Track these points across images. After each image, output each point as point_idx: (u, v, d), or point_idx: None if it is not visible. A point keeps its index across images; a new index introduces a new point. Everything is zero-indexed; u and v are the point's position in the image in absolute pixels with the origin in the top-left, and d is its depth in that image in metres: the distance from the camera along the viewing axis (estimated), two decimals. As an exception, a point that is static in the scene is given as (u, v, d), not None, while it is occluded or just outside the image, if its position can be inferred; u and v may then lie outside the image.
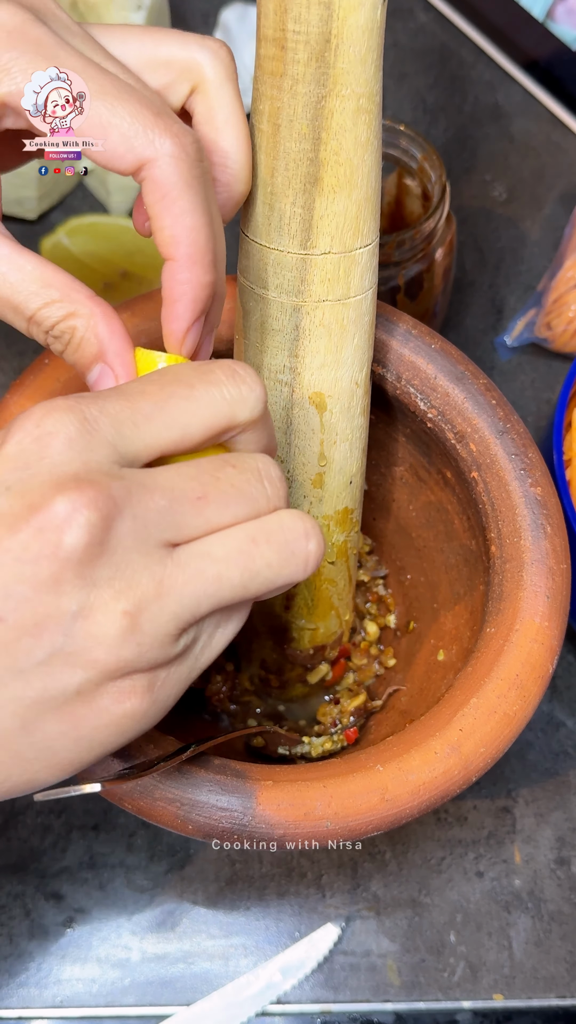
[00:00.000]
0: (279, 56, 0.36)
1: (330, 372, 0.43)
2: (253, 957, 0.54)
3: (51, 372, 0.48)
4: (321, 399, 0.44)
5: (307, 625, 0.51)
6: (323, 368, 0.43)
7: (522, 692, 0.42)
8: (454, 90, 0.79)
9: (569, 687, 0.61)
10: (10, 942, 0.53)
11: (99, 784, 0.34)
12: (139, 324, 0.49)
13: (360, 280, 0.42)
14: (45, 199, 0.70)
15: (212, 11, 0.78)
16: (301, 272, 0.41)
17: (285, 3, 0.35)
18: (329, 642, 0.53)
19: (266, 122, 0.38)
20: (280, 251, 0.40)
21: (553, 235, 0.73)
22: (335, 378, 0.44)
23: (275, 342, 0.43)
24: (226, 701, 0.54)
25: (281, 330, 0.42)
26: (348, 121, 0.38)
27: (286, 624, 0.51)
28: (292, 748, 0.53)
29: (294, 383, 0.44)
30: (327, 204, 0.39)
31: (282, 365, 0.43)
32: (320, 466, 0.46)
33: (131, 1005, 0.53)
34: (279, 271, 0.41)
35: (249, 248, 0.42)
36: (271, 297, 0.42)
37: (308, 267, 0.41)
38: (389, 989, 0.53)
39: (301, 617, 0.51)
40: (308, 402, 0.44)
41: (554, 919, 0.55)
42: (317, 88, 0.37)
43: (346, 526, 0.49)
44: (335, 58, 0.36)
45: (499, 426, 0.48)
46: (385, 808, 0.40)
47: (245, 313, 0.43)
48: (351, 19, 0.35)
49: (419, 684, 0.52)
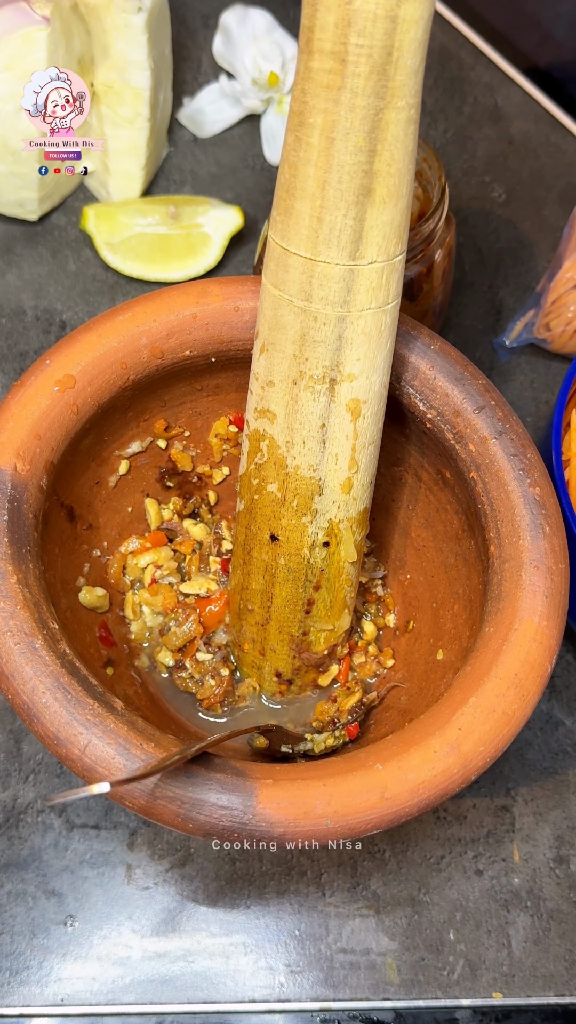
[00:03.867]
0: (337, 70, 0.36)
1: (367, 379, 0.44)
2: (253, 955, 0.54)
3: (51, 372, 0.48)
4: (357, 405, 0.44)
5: (324, 626, 0.52)
6: (362, 375, 0.43)
7: (521, 691, 0.43)
8: (454, 92, 0.79)
9: (568, 686, 0.61)
10: (11, 940, 0.54)
11: (108, 785, 0.35)
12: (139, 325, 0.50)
13: (397, 285, 0.42)
14: (46, 200, 0.70)
15: (213, 13, 0.78)
16: (348, 283, 0.41)
17: (349, 17, 0.35)
18: (340, 641, 0.53)
19: (318, 136, 0.38)
20: (327, 263, 0.40)
21: (552, 236, 0.74)
22: (370, 384, 0.44)
23: (316, 353, 0.43)
24: (217, 705, 0.55)
25: (324, 341, 0.42)
26: (401, 132, 0.38)
27: (307, 629, 0.52)
28: (295, 745, 0.53)
29: (333, 392, 0.44)
30: (377, 215, 0.39)
31: (322, 375, 0.43)
32: (351, 471, 0.46)
33: (132, 1003, 0.53)
34: (325, 283, 0.41)
35: (289, 261, 0.41)
36: (315, 309, 0.41)
37: (355, 278, 0.40)
38: (389, 987, 0.54)
39: (320, 619, 0.51)
40: (345, 409, 0.44)
41: (553, 917, 0.55)
42: (376, 101, 0.37)
43: (364, 526, 0.49)
44: (395, 71, 0.36)
45: (498, 426, 0.48)
46: (385, 807, 0.40)
47: (280, 325, 0.43)
48: (411, 32, 0.35)
49: (418, 683, 0.52)
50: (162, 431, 0.55)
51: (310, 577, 0.49)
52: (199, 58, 0.78)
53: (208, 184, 0.74)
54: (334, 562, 0.49)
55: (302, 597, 0.50)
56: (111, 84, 0.66)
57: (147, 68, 0.65)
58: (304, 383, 0.44)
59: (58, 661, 0.42)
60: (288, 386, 0.44)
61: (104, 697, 0.42)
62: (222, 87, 0.75)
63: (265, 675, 0.54)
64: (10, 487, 0.45)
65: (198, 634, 0.55)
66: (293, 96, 0.38)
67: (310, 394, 0.44)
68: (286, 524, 0.48)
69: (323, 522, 0.48)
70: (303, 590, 0.50)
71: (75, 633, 0.50)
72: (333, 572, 0.49)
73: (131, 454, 0.55)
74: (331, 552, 0.49)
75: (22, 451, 0.46)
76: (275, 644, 0.52)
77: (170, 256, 0.70)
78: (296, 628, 0.52)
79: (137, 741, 0.40)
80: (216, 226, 0.69)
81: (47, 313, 0.69)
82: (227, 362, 0.52)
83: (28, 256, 0.71)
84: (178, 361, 0.51)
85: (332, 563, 0.49)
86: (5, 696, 0.42)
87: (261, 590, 0.51)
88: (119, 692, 0.51)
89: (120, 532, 0.56)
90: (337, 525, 0.48)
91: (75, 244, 0.71)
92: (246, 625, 0.53)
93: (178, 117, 0.76)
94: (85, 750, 0.40)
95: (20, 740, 0.57)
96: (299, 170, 0.39)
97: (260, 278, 0.45)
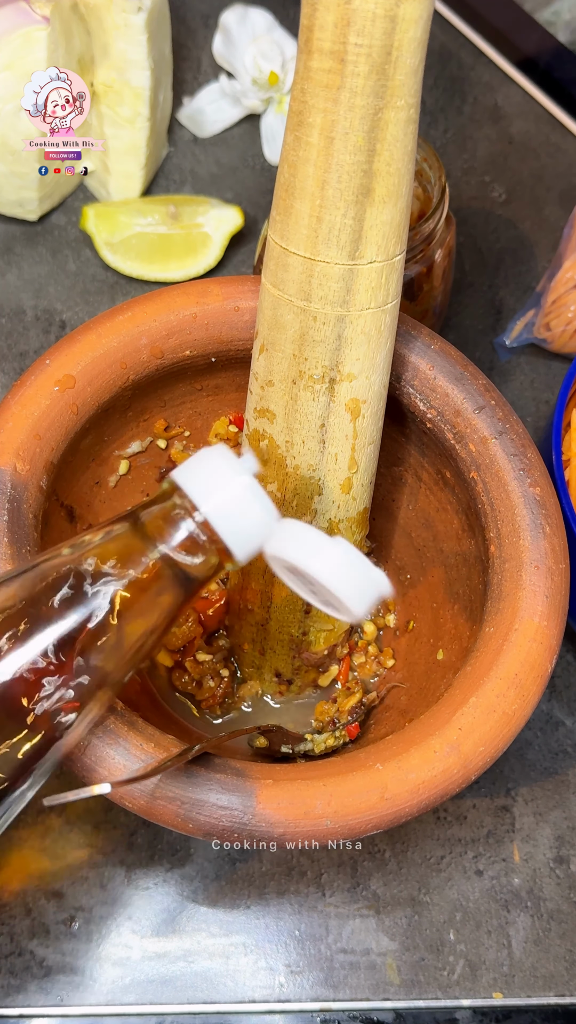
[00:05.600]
0: (336, 69, 0.36)
1: (366, 379, 0.44)
2: (253, 955, 0.54)
3: (51, 372, 0.48)
4: (356, 405, 0.44)
5: (324, 626, 0.52)
6: (361, 375, 0.43)
7: (521, 691, 0.43)
8: (454, 91, 0.79)
9: (568, 686, 0.61)
10: (11, 940, 0.54)
11: (108, 785, 0.35)
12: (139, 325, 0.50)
13: (396, 285, 0.42)
14: (46, 200, 0.70)
15: (213, 13, 0.78)
16: (347, 282, 0.40)
17: (348, 16, 0.35)
18: (340, 641, 0.53)
19: (317, 135, 0.38)
20: (327, 263, 0.40)
21: (552, 236, 0.74)
22: (370, 384, 0.44)
23: (315, 353, 0.43)
24: (217, 706, 0.55)
25: (323, 341, 0.42)
26: (400, 132, 0.38)
27: (306, 629, 0.51)
28: (295, 746, 0.53)
29: (332, 392, 0.44)
30: (377, 214, 0.39)
31: (321, 375, 0.43)
32: (351, 471, 0.46)
33: (131, 1003, 0.53)
34: (324, 283, 0.41)
35: (288, 261, 0.41)
36: (314, 309, 0.41)
37: (355, 277, 0.40)
38: (389, 987, 0.54)
39: (320, 619, 0.51)
40: (344, 409, 0.44)
41: (553, 918, 0.55)
42: (375, 100, 0.37)
43: (364, 526, 0.49)
44: (394, 70, 0.36)
45: (498, 426, 0.48)
46: (385, 807, 0.40)
47: (279, 325, 0.43)
48: (410, 32, 0.35)
49: (418, 683, 0.52)
50: (162, 431, 0.55)
51: None
52: (199, 58, 0.78)
53: (208, 184, 0.74)
54: None
55: (301, 598, 0.50)
56: (111, 84, 0.66)
57: (147, 68, 0.65)
58: (304, 383, 0.44)
59: (58, 661, 0.42)
60: (287, 386, 0.44)
61: (104, 697, 0.42)
62: (222, 87, 0.75)
63: (265, 675, 0.54)
64: (10, 487, 0.45)
65: (198, 635, 0.55)
66: (292, 96, 0.38)
67: (309, 394, 0.44)
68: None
69: (323, 522, 0.48)
70: None
71: (75, 633, 0.50)
72: None
73: (131, 454, 0.55)
74: None
75: (22, 451, 0.46)
76: (274, 644, 0.52)
77: (170, 256, 0.70)
78: (296, 628, 0.51)
79: (137, 741, 0.40)
80: (216, 226, 0.69)
81: (47, 313, 0.69)
82: (227, 362, 0.52)
83: (28, 256, 0.71)
84: (178, 361, 0.51)
85: None
86: (5, 696, 0.42)
87: (261, 590, 0.51)
88: (119, 692, 0.51)
89: (120, 532, 0.56)
90: (336, 525, 0.48)
91: (75, 244, 0.71)
92: (245, 625, 0.53)
93: (178, 117, 0.76)
94: (85, 750, 0.40)
95: (20, 740, 0.57)
96: (298, 169, 0.39)
97: (260, 278, 0.45)
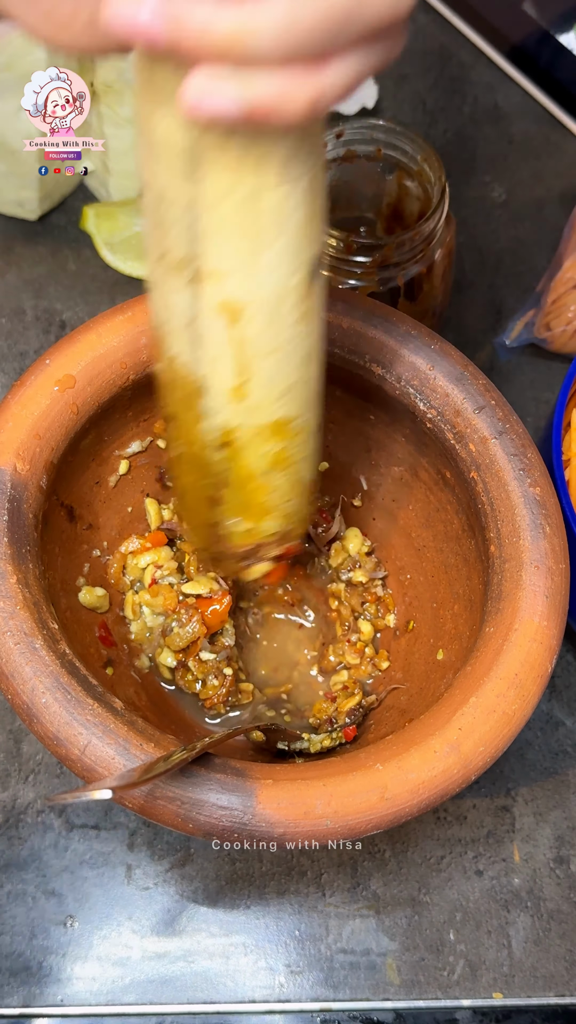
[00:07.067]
0: None
1: (245, 279, 0.37)
2: (253, 955, 0.54)
3: (51, 372, 0.48)
4: (234, 308, 0.37)
5: (238, 526, 0.47)
6: (235, 273, 0.36)
7: (521, 691, 0.43)
8: (454, 91, 0.79)
9: (568, 686, 0.61)
10: (11, 940, 0.54)
11: (110, 790, 0.34)
12: (139, 324, 0.50)
13: (298, 163, 0.34)
14: (46, 200, 0.70)
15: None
16: (193, 158, 0.33)
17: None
18: (269, 541, 0.48)
19: None
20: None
21: (552, 236, 0.74)
22: (254, 286, 0.37)
23: (171, 235, 0.36)
24: (220, 705, 0.55)
25: (175, 224, 0.35)
26: None
27: (216, 521, 0.47)
28: (292, 744, 0.53)
29: (199, 288, 0.37)
30: None
31: (179, 263, 0.37)
32: (240, 379, 0.40)
33: (131, 1003, 0.53)
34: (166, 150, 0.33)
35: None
36: (160, 184, 0.35)
37: (202, 153, 0.33)
38: (389, 987, 0.54)
39: (230, 516, 0.46)
40: (218, 311, 0.38)
41: (553, 918, 0.55)
42: None
43: (283, 436, 0.43)
44: None
45: (498, 426, 0.48)
46: (385, 807, 0.40)
47: (146, 184, 0.36)
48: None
49: (418, 683, 0.52)
50: (162, 431, 0.55)
51: (209, 476, 0.45)
52: (199, 58, 0.78)
53: (208, 184, 0.74)
54: (237, 467, 0.44)
55: (203, 492, 0.46)
56: (111, 84, 0.66)
57: (147, 68, 0.65)
58: (167, 264, 0.37)
59: (58, 661, 0.42)
60: (156, 259, 0.38)
61: (104, 697, 0.42)
62: (222, 87, 0.75)
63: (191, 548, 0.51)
64: (10, 487, 0.45)
65: (201, 634, 0.55)
66: None
67: (174, 282, 0.38)
68: (174, 411, 0.44)
69: (215, 424, 0.43)
70: (204, 484, 0.45)
71: (75, 633, 0.50)
72: (239, 476, 0.45)
73: (131, 454, 0.55)
74: (230, 457, 0.44)
75: (22, 451, 0.46)
76: (189, 520, 0.49)
77: (170, 256, 0.70)
78: (202, 517, 0.47)
79: (137, 741, 0.40)
80: (216, 226, 0.69)
81: (47, 313, 0.69)
82: (227, 362, 0.52)
83: (28, 256, 0.71)
84: (178, 361, 0.51)
85: (235, 468, 0.44)
86: (5, 696, 0.42)
87: (174, 462, 0.47)
88: (119, 692, 0.51)
89: (120, 532, 0.56)
90: (233, 431, 0.43)
91: (75, 244, 0.71)
92: (175, 495, 0.50)
93: (178, 117, 0.76)
94: (85, 750, 0.40)
95: (20, 740, 0.57)
96: None
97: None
